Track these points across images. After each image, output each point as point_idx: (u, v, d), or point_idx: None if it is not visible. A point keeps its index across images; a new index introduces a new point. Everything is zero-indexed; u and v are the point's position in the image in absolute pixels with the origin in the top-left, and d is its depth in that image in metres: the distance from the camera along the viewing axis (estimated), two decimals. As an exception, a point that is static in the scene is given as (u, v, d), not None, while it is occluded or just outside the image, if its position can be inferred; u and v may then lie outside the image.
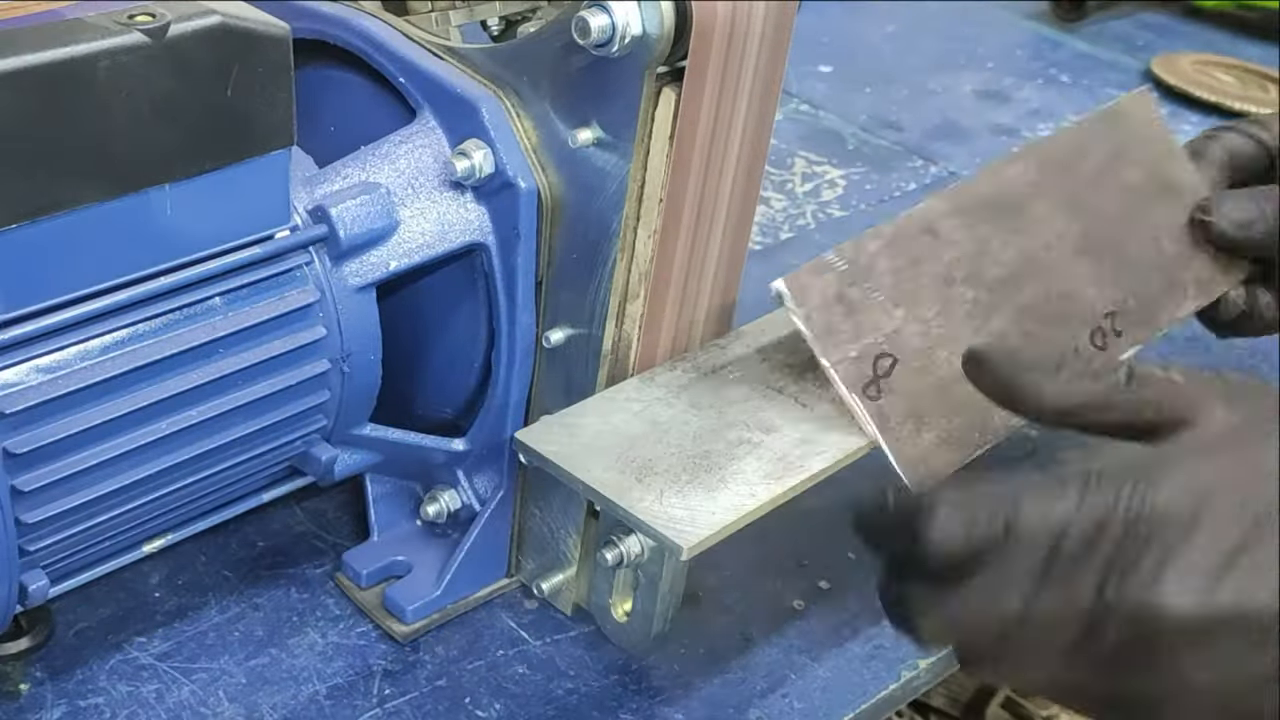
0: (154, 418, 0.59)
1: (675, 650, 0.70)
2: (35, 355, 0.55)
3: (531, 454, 0.63)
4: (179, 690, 0.65)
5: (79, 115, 0.52)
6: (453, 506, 0.71)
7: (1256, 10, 1.60)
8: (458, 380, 0.70)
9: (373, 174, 0.65)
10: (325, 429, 0.66)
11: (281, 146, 0.60)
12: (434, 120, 0.65)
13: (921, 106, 1.35)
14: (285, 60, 0.58)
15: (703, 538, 0.58)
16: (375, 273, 0.64)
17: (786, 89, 1.09)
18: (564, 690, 0.67)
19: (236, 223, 0.60)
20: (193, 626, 0.69)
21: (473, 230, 0.65)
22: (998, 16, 1.61)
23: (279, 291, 0.62)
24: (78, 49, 0.51)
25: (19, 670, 0.65)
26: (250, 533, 0.74)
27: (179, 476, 0.61)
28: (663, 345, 0.68)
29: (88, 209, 0.54)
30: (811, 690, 0.69)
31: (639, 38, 0.57)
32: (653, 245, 0.63)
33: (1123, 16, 1.63)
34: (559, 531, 0.69)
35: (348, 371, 0.65)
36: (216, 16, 0.55)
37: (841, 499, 0.81)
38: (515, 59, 0.64)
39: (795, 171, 1.20)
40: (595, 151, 0.62)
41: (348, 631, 0.70)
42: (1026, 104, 1.39)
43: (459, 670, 0.68)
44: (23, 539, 0.57)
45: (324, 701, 0.65)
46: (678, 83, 0.60)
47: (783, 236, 1.09)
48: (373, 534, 0.73)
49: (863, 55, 1.46)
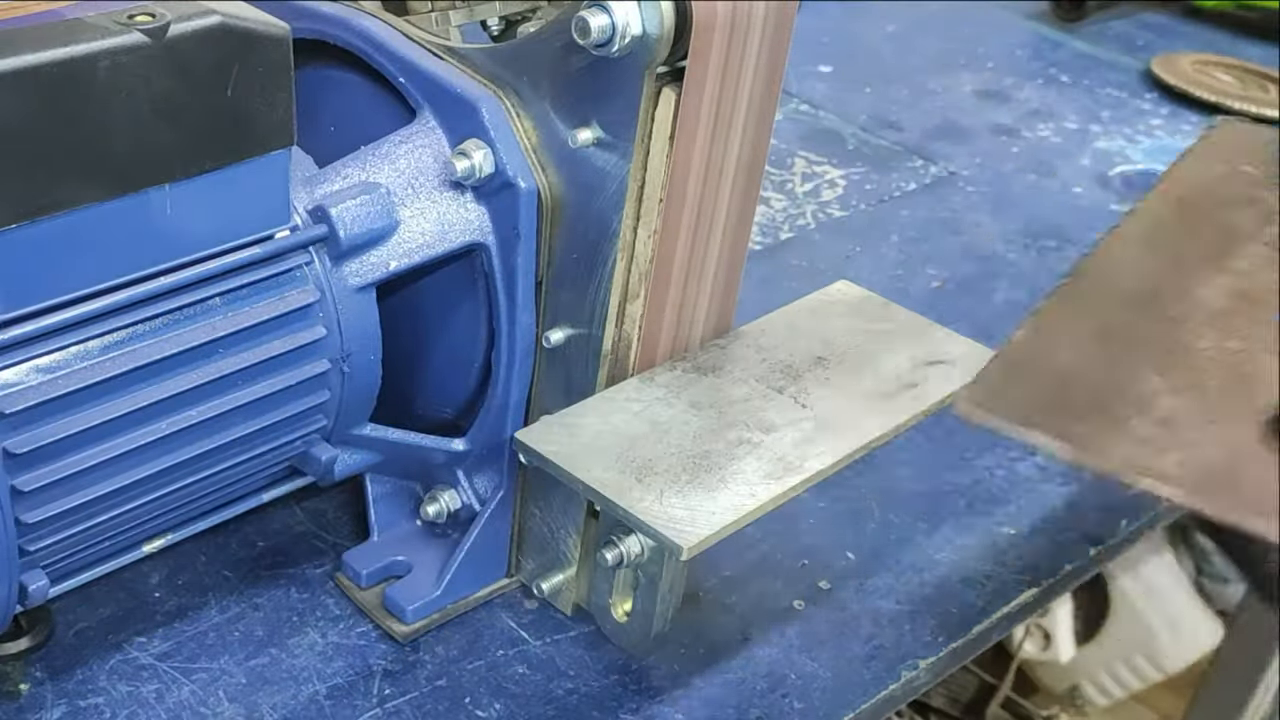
0: (154, 418, 0.59)
1: (675, 650, 0.70)
2: (35, 355, 0.55)
3: (531, 454, 0.63)
4: (179, 690, 0.65)
5: (79, 115, 0.52)
6: (453, 506, 0.71)
7: (1256, 10, 1.60)
8: (458, 380, 0.70)
9: (373, 174, 0.65)
10: (325, 429, 0.66)
11: (281, 146, 0.60)
12: (434, 120, 0.65)
13: (921, 106, 1.35)
14: (285, 60, 0.58)
15: (703, 538, 0.58)
16: (375, 273, 0.64)
17: (786, 89, 1.09)
18: (564, 690, 0.67)
19: (236, 223, 0.60)
20: (193, 626, 0.69)
21: (473, 230, 0.65)
22: (998, 16, 1.61)
23: (279, 291, 0.62)
24: (78, 49, 0.51)
25: (19, 670, 0.65)
26: (250, 533, 0.74)
27: (179, 476, 0.61)
28: (663, 345, 0.68)
29: (88, 209, 0.54)
30: (811, 690, 0.69)
31: (639, 38, 0.57)
32: (653, 245, 0.63)
33: (1123, 16, 1.63)
34: (559, 531, 0.69)
35: (348, 371, 0.65)
36: (216, 16, 0.55)
37: (842, 499, 0.81)
38: (515, 59, 0.64)
39: (795, 171, 1.20)
40: (595, 151, 0.62)
41: (348, 631, 0.70)
42: (1026, 104, 1.39)
43: (459, 670, 0.68)
44: (23, 539, 0.57)
45: (324, 701, 0.65)
46: (678, 83, 0.60)
47: (783, 236, 1.09)
48: (373, 534, 0.73)
49: (863, 55, 1.46)
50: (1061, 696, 1.79)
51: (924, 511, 0.81)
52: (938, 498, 0.83)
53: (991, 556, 0.79)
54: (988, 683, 1.71)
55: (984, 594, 0.76)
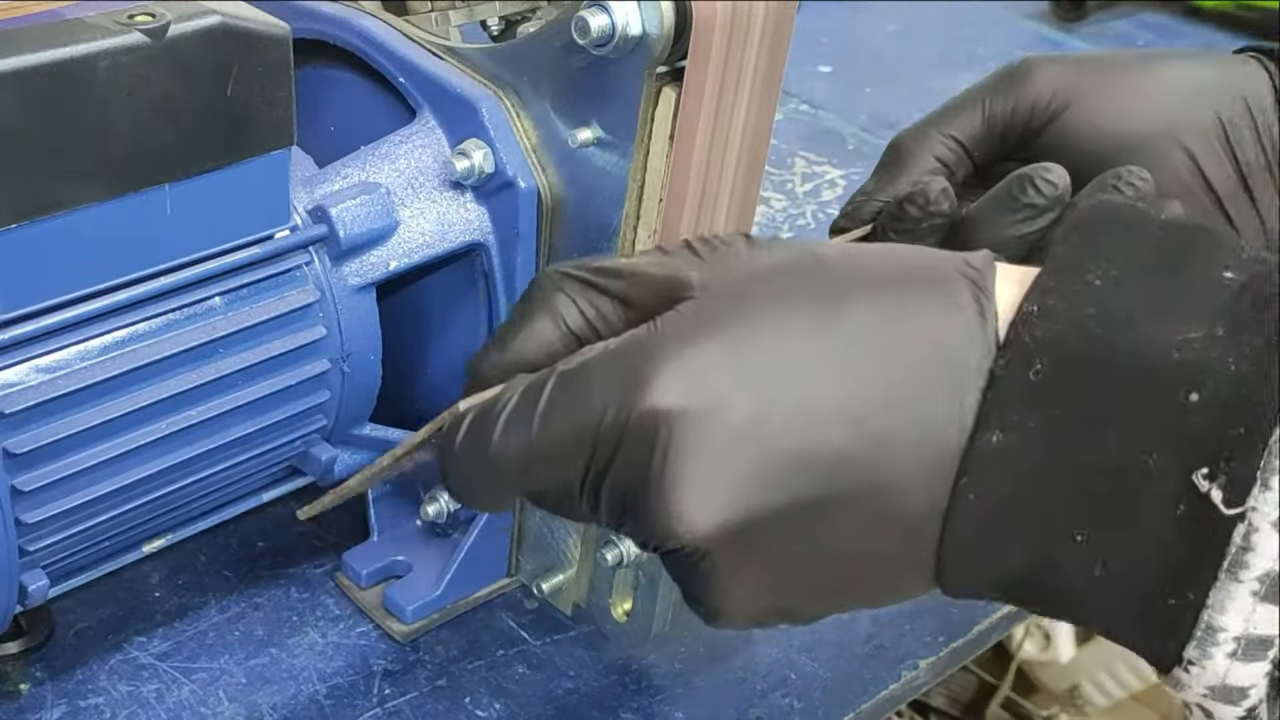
0: (154, 418, 0.59)
1: (675, 650, 0.70)
2: (35, 355, 0.55)
3: (531, 454, 0.63)
4: (179, 690, 0.65)
5: (79, 115, 0.52)
6: (453, 506, 0.71)
7: (1256, 10, 1.60)
8: (458, 380, 0.70)
9: (373, 174, 0.65)
10: (325, 429, 0.66)
11: (281, 146, 0.60)
12: (434, 120, 0.65)
13: (922, 106, 1.34)
14: (285, 60, 0.58)
15: (703, 538, 0.58)
16: (375, 272, 0.64)
17: (786, 89, 1.09)
18: (564, 690, 0.67)
19: (236, 223, 0.60)
20: (193, 626, 0.69)
21: (473, 230, 0.65)
22: (998, 16, 1.61)
23: (279, 291, 0.62)
24: (78, 49, 0.51)
25: (19, 670, 0.65)
26: (250, 533, 0.74)
27: (179, 476, 0.61)
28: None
29: (88, 209, 0.54)
30: (811, 690, 0.69)
31: (639, 37, 0.57)
32: (653, 245, 0.63)
33: (1123, 16, 1.63)
34: (559, 531, 0.69)
35: (348, 371, 0.65)
36: (216, 16, 0.55)
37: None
38: (515, 59, 0.64)
39: (795, 171, 1.20)
40: (595, 151, 0.62)
41: (348, 631, 0.69)
42: (1026, 104, 1.38)
43: (459, 670, 0.68)
44: (23, 539, 0.57)
45: (324, 701, 0.65)
46: (678, 83, 0.59)
47: (783, 236, 1.09)
48: (373, 534, 0.73)
49: (863, 55, 1.46)
50: (1061, 696, 1.79)
51: (924, 511, 0.81)
52: (938, 498, 0.83)
53: (991, 556, 0.79)
54: (988, 683, 1.71)
55: (984, 594, 0.76)
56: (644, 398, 0.42)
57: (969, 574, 0.43)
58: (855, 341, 0.43)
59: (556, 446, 0.44)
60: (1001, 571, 0.43)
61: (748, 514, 0.42)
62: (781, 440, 0.42)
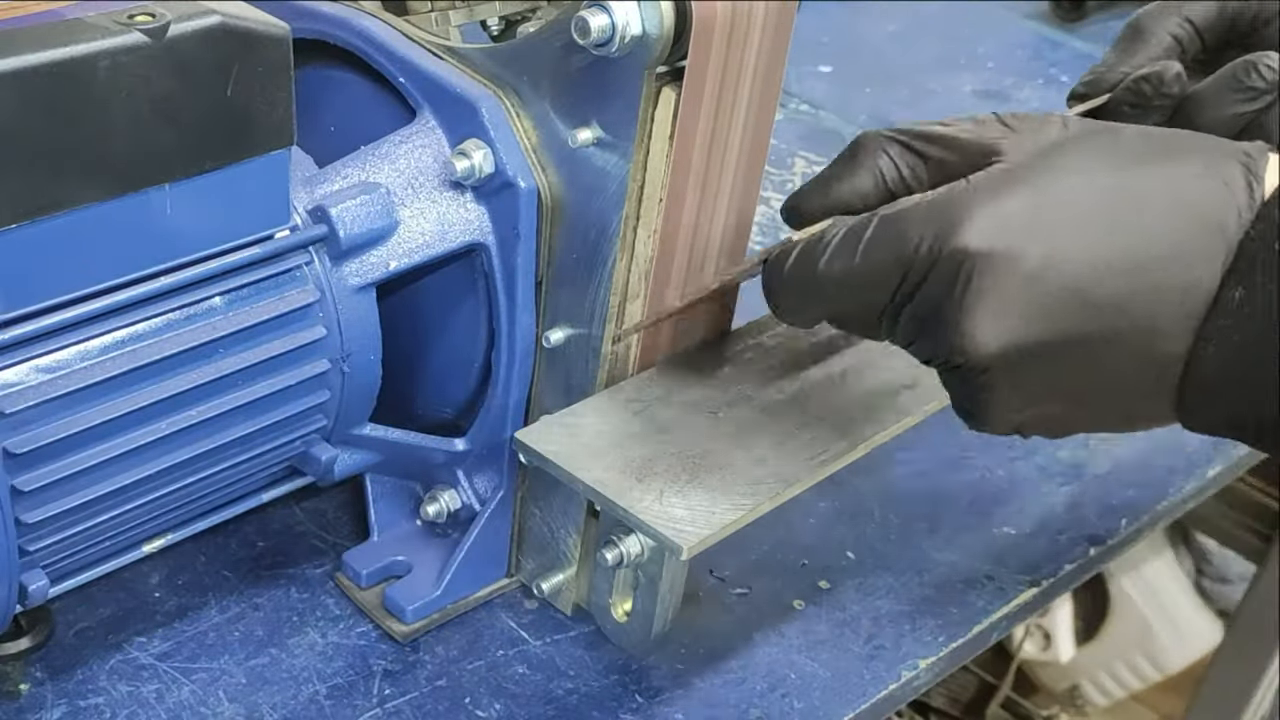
0: (154, 418, 0.59)
1: (675, 650, 0.70)
2: (35, 355, 0.55)
3: (531, 454, 0.63)
4: (179, 690, 0.65)
5: (79, 115, 0.52)
6: (453, 506, 0.71)
7: (1256, 10, 1.60)
8: (458, 380, 0.70)
9: (373, 174, 0.65)
10: (325, 429, 0.66)
11: (281, 146, 0.60)
12: (434, 120, 0.65)
13: (921, 106, 1.35)
14: (285, 60, 0.58)
15: (703, 538, 0.58)
16: (375, 273, 0.64)
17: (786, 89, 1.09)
18: (564, 690, 0.67)
19: (236, 223, 0.60)
20: (193, 626, 0.69)
21: (473, 230, 0.65)
22: (998, 16, 1.60)
23: (279, 291, 0.62)
24: (78, 49, 0.51)
25: (19, 670, 0.65)
26: (250, 533, 0.74)
27: (179, 476, 0.61)
28: (663, 345, 0.68)
29: (88, 209, 0.54)
30: (811, 690, 0.69)
31: (639, 38, 0.57)
32: (653, 245, 0.63)
33: (1123, 16, 1.62)
34: (559, 531, 0.69)
35: (348, 371, 0.65)
36: (216, 16, 0.55)
37: (842, 499, 0.81)
38: (515, 59, 0.64)
39: (795, 171, 1.20)
40: (595, 151, 0.62)
41: (348, 631, 0.70)
42: (1026, 104, 1.38)
43: (459, 670, 0.68)
44: (23, 539, 0.57)
45: (324, 701, 0.65)
46: (678, 83, 0.59)
47: (782, 236, 1.09)
48: (373, 534, 0.73)
49: (863, 55, 1.46)
50: (1061, 696, 1.79)
51: (924, 511, 0.81)
52: (938, 498, 0.83)
53: (991, 556, 0.79)
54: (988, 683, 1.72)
55: (984, 594, 0.76)
56: (956, 238, 0.51)
57: (1206, 412, 0.52)
58: (1143, 207, 0.51)
59: (874, 273, 0.54)
60: (1234, 412, 0.51)
61: (1028, 342, 0.51)
62: (1068, 283, 0.51)
